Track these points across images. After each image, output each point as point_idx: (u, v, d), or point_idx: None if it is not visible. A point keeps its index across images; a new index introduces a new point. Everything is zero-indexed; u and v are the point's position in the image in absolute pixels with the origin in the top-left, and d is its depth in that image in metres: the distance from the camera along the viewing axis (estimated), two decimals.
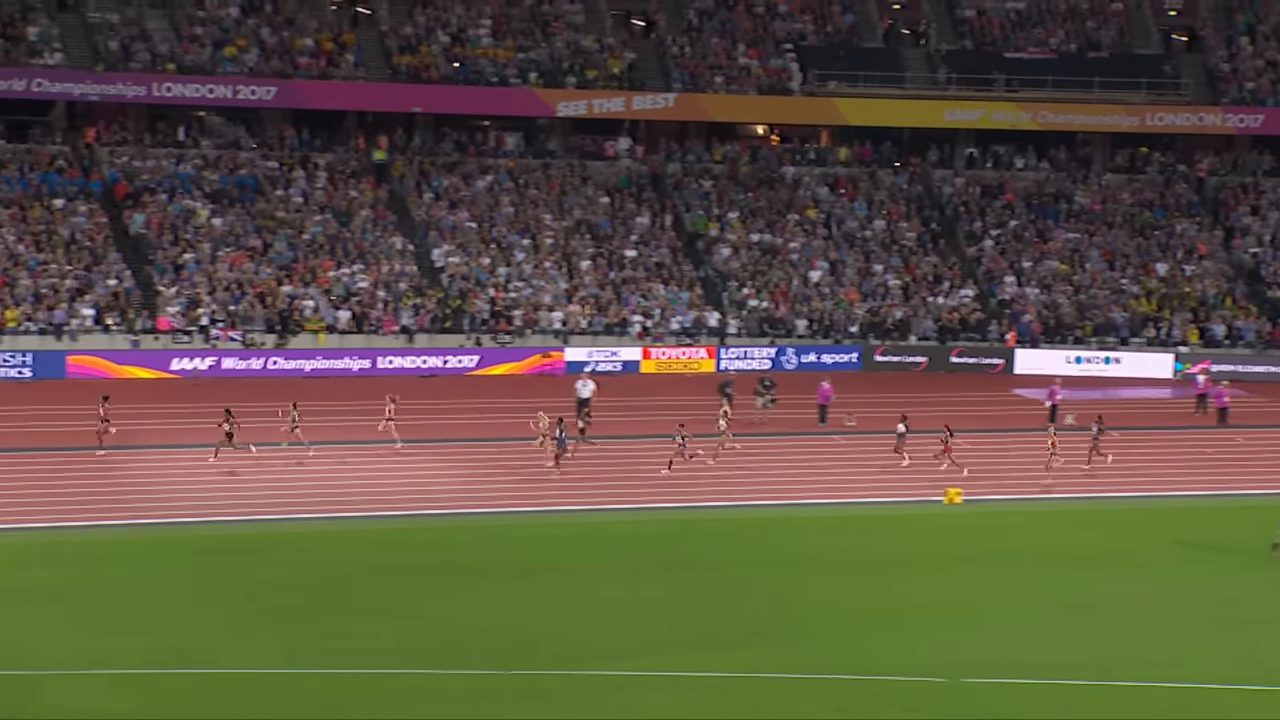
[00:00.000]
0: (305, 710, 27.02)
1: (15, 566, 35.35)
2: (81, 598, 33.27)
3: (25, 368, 55.78)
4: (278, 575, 35.36)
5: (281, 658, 29.65)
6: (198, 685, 28.30)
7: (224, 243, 64.26)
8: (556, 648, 30.32)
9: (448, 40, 72.60)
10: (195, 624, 31.56)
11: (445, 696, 27.88)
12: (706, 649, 30.13)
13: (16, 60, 65.94)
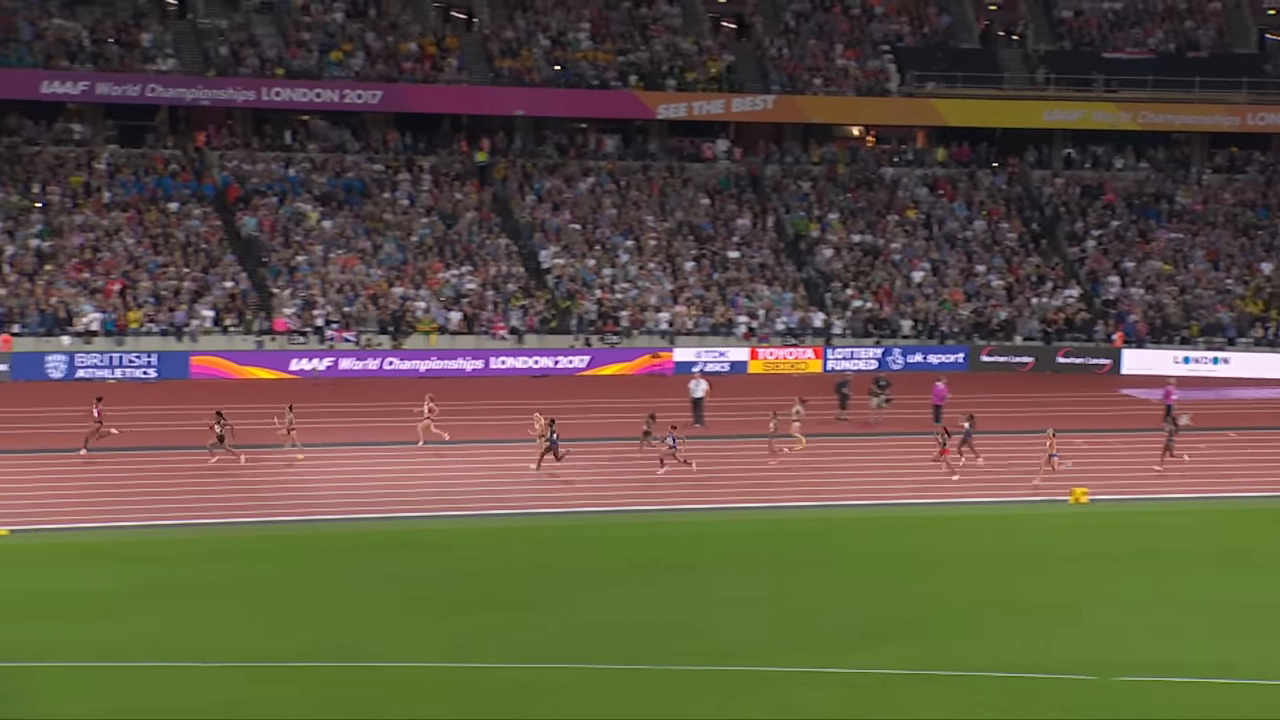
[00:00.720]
0: (477, 702, 27.45)
1: (176, 562, 35.95)
2: (243, 593, 33.78)
3: (151, 368, 56.68)
4: (428, 571, 35.76)
5: (447, 651, 30.07)
6: (372, 678, 28.79)
7: (335, 245, 65.06)
8: (702, 644, 30.57)
9: (548, 43, 73.19)
10: (357, 619, 32.00)
11: (607, 690, 28.23)
12: (846, 646, 30.28)
13: (130, 66, 66.95)
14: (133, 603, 33.20)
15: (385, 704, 27.49)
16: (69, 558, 36.13)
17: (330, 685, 28.46)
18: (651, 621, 32.07)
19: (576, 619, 32.18)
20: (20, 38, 65.86)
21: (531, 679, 28.65)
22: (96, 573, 35.13)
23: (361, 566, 36.00)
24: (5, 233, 61.21)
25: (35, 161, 65.10)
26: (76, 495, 40.81)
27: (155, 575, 35.16)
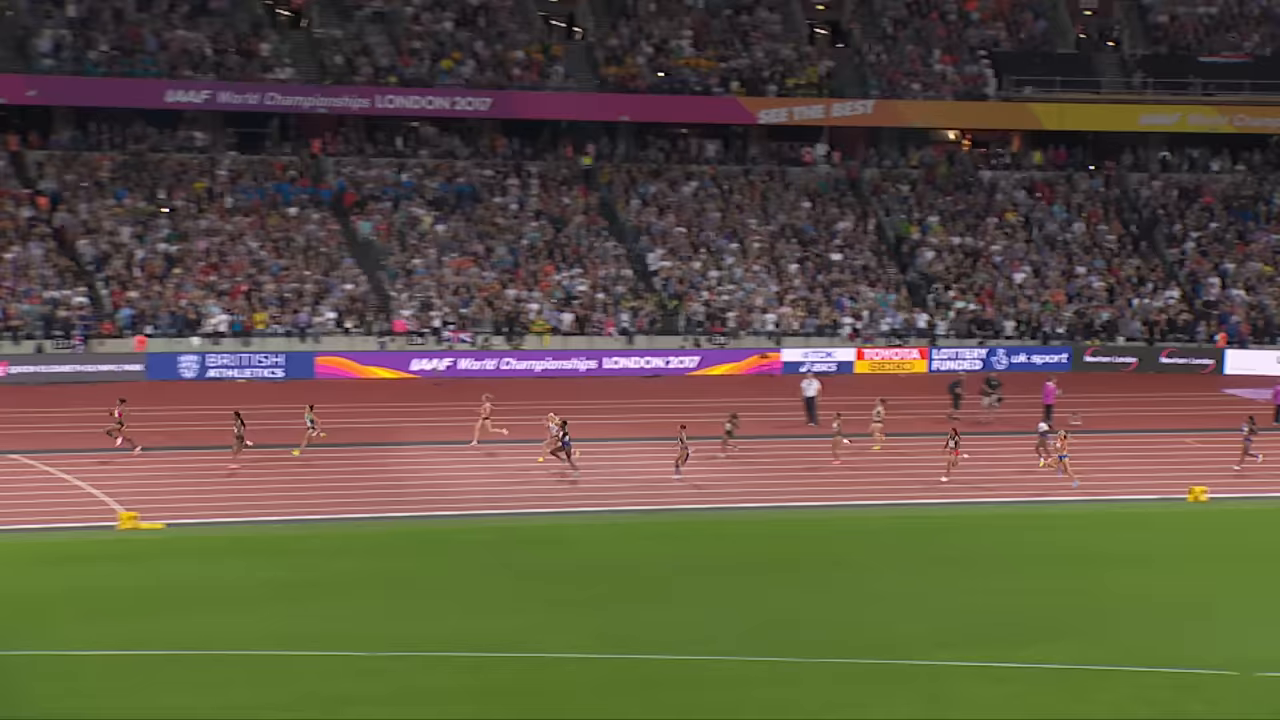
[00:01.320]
0: (635, 692, 27.76)
1: (317, 555, 36.56)
2: (385, 586, 34.31)
3: (278, 368, 57.55)
4: (553, 566, 36.09)
5: (596, 642, 30.50)
6: (528, 667, 29.22)
7: (448, 248, 65.77)
8: (861, 639, 30.79)
9: (651, 51, 73.64)
10: (499, 611, 32.43)
11: (771, 682, 28.47)
12: (1009, 642, 30.44)
13: (250, 75, 67.91)
14: (284, 594, 33.77)
15: (551, 693, 27.92)
16: (223, 551, 36.80)
17: (492, 675, 28.94)
18: (801, 615, 32.25)
19: (722, 613, 32.45)
20: (145, 48, 66.93)
21: (692, 672, 28.97)
22: (248, 565, 35.74)
23: (488, 560, 36.37)
24: (135, 237, 62.25)
25: (160, 168, 66.18)
26: (222, 491, 41.52)
27: (301, 569, 35.71)
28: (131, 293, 59.47)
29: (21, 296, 57.74)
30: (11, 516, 38.58)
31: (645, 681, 28.61)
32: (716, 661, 29.46)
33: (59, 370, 55.02)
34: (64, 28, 66.29)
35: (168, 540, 37.42)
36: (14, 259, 59.33)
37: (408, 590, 34.15)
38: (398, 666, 29.41)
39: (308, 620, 31.88)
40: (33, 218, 61.83)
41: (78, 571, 34.93)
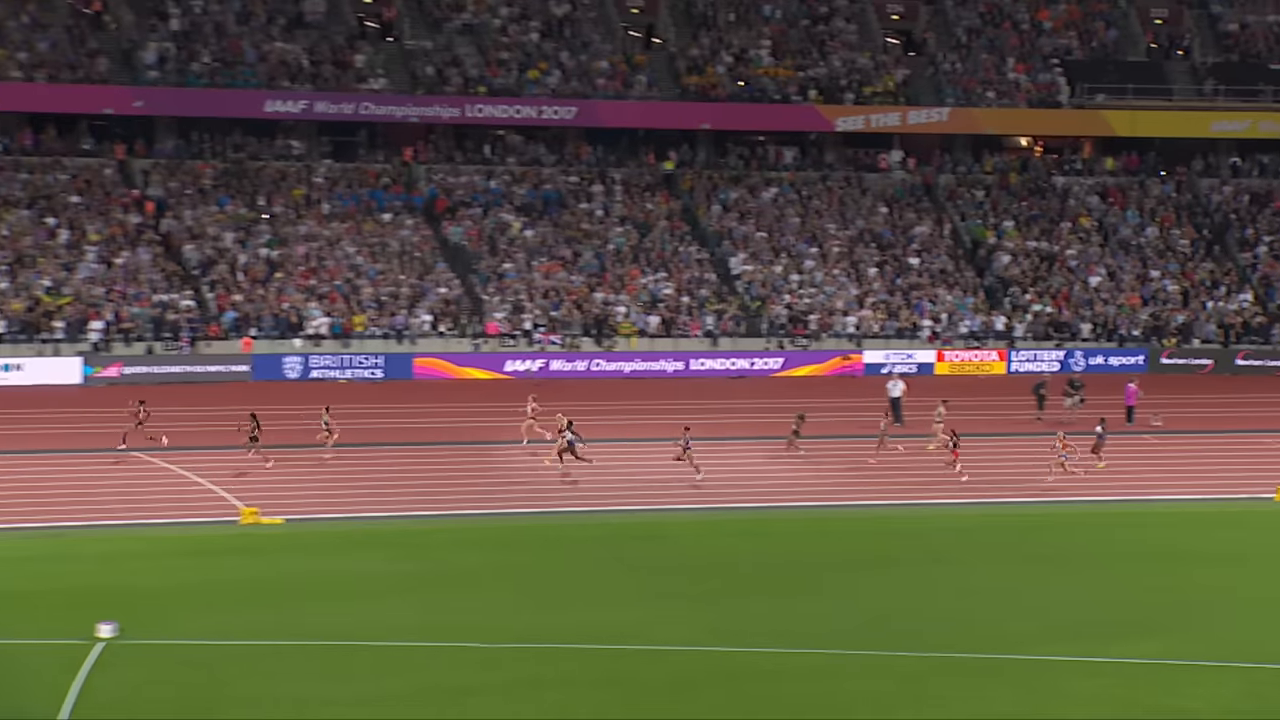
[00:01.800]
0: (748, 684, 28.12)
1: (437, 549, 37.11)
2: (506, 579, 34.85)
3: (378, 369, 58.35)
4: (660, 560, 36.55)
5: (710, 635, 30.93)
6: (644, 659, 29.71)
7: (537, 253, 66.44)
8: (957, 632, 31.11)
9: (731, 60, 74.08)
10: (618, 603, 32.94)
11: (871, 673, 28.85)
12: (1112, 637, 30.66)
13: (345, 86, 68.80)
14: (404, 587, 34.33)
15: (665, 685, 28.35)
16: (341, 545, 37.45)
17: (608, 666, 29.42)
18: (905, 610, 32.61)
19: (831, 608, 32.82)
20: (245, 60, 67.93)
21: (804, 665, 29.35)
22: (366, 559, 36.32)
23: (599, 555, 36.83)
24: (237, 243, 63.25)
25: (259, 176, 67.16)
26: (336, 487, 42.22)
27: (417, 562, 36.29)
28: (236, 296, 60.41)
29: (132, 300, 58.78)
30: (139, 512, 39.42)
31: (758, 674, 28.98)
32: (828, 655, 29.85)
33: (170, 371, 55.96)
34: (168, 41, 67.35)
35: (288, 535, 38.13)
36: (124, 264, 60.39)
37: (523, 583, 34.63)
38: (517, 658, 29.92)
39: (428, 612, 32.41)
40: (140, 224, 62.91)
41: (206, 564, 35.66)
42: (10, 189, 62.54)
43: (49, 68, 64.68)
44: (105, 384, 54.71)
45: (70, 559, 35.50)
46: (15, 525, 37.75)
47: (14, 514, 38.65)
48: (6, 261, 58.93)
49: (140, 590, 33.20)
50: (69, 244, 60.85)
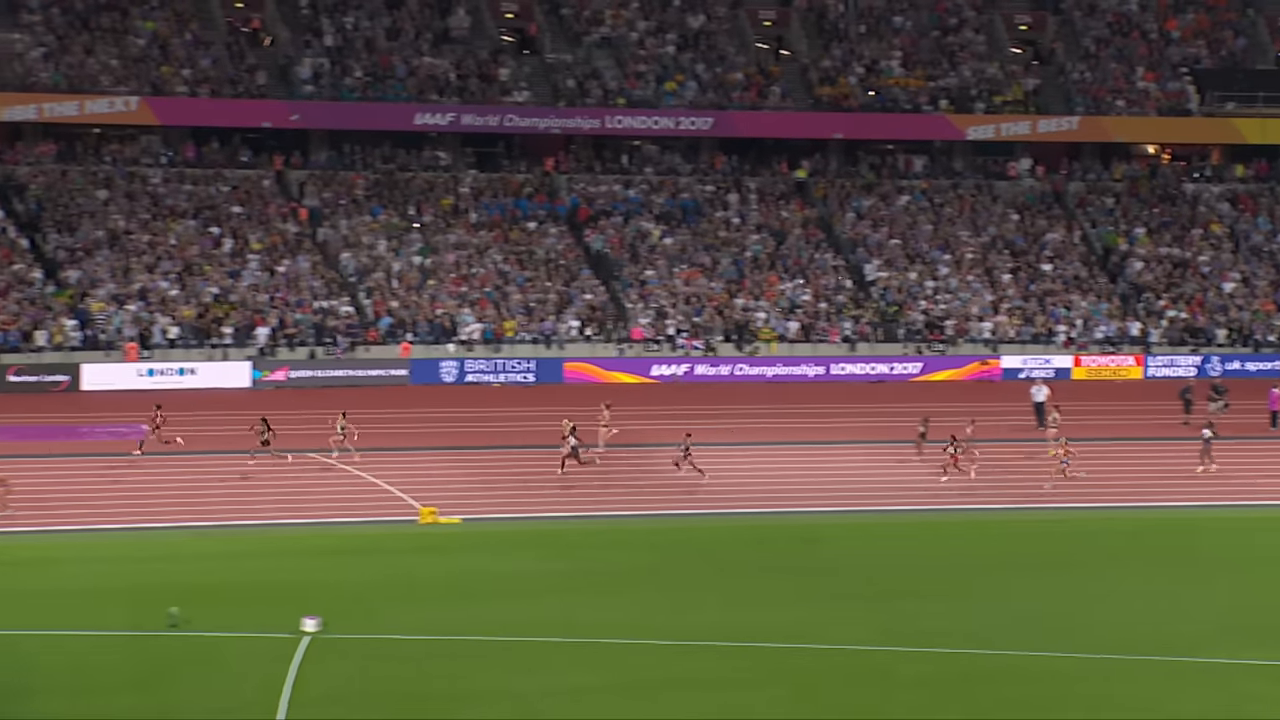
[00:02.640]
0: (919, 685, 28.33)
1: (611, 549, 37.69)
2: (677, 577, 35.31)
3: (530, 373, 59.06)
4: (831, 561, 36.90)
5: (880, 636, 31.13)
6: (814, 658, 29.99)
7: (677, 260, 66.87)
8: (1132, 634, 31.05)
9: (862, 71, 74.09)
10: (788, 603, 33.30)
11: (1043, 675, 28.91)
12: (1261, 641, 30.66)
13: (490, 99, 69.64)
14: (587, 584, 34.98)
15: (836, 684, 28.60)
16: (518, 544, 38.11)
17: (784, 663, 29.73)
18: (1069, 611, 32.62)
19: (1000, 609, 32.93)
20: (395, 75, 68.93)
21: (977, 666, 29.47)
22: (544, 556, 36.98)
23: (759, 555, 37.20)
24: (390, 251, 64.23)
25: (409, 186, 68.13)
26: (506, 488, 42.84)
27: (591, 561, 36.90)
28: (392, 303, 61.36)
29: (294, 307, 59.90)
30: (319, 511, 40.32)
31: (928, 675, 29.18)
32: (1000, 656, 29.96)
33: (333, 375, 57.00)
34: (322, 56, 68.51)
35: (467, 534, 38.84)
36: (285, 271, 61.55)
37: (694, 582, 35.11)
38: (705, 655, 30.37)
39: (611, 609, 32.95)
40: (298, 233, 64.08)
41: (394, 562, 36.47)
42: (176, 200, 63.94)
43: (211, 83, 66.05)
44: (273, 387, 55.88)
45: (264, 555, 36.47)
46: (214, 523, 38.75)
47: (204, 512, 39.66)
48: (176, 270, 60.26)
49: (335, 586, 34.03)
50: (232, 252, 62.13)
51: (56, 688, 28.02)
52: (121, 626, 30.82)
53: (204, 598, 32.34)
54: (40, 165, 63.48)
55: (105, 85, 64.15)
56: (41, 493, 40.22)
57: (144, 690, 28.05)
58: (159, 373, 54.98)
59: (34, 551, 36.06)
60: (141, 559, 35.77)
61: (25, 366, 53.66)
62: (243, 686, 28.42)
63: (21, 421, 48.39)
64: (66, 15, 66.08)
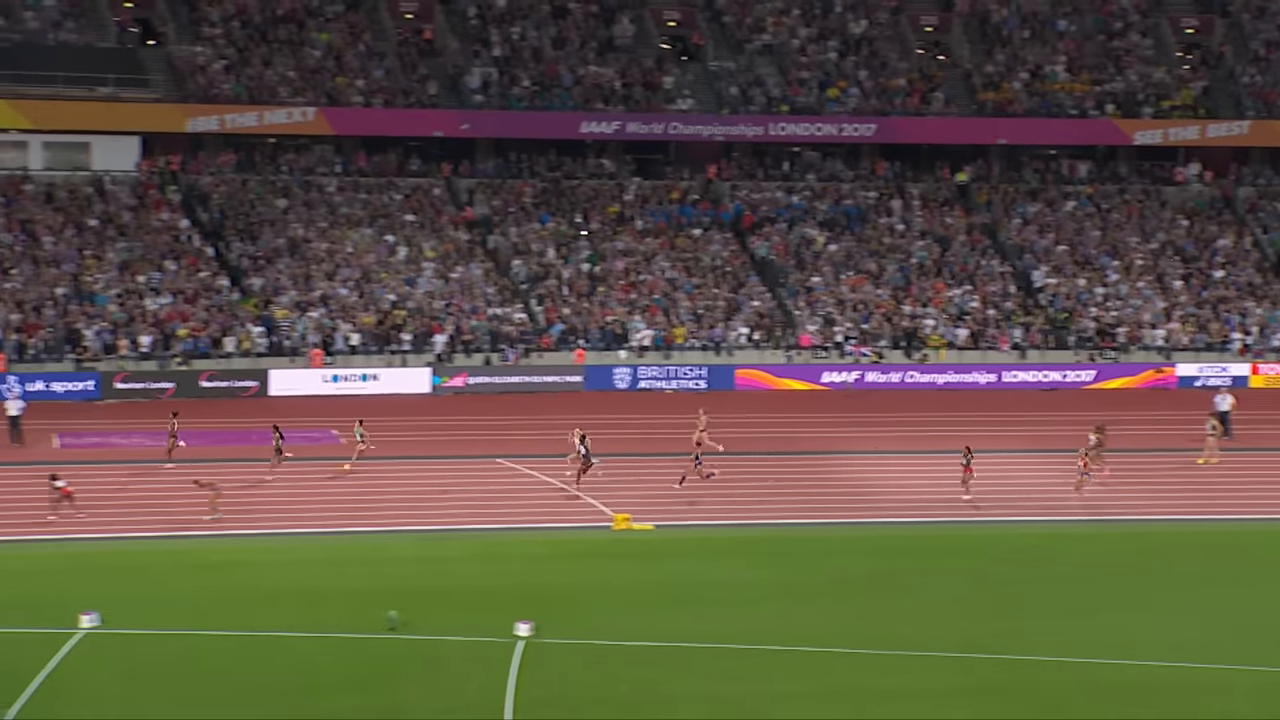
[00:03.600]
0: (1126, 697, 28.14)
1: (805, 557, 37.80)
2: (877, 586, 35.37)
3: (701, 380, 59.28)
4: (1047, 571, 36.71)
5: (1084, 647, 30.88)
6: (1021, 669, 29.86)
7: (842, 267, 66.74)
8: None
9: (1026, 76, 73.41)
10: (990, 613, 33.22)
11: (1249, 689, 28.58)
12: None
13: (655, 107, 70.01)
14: (784, 593, 35.13)
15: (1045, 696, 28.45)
16: (713, 550, 38.36)
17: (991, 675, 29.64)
18: None
19: (1208, 623, 32.54)
20: (561, 84, 69.59)
21: (1188, 680, 29.16)
22: (741, 564, 37.22)
23: (952, 566, 37.10)
24: (560, 258, 64.84)
25: (576, 193, 68.73)
26: (686, 494, 43.10)
27: (788, 568, 37.06)
28: (564, 309, 61.95)
29: (469, 314, 60.71)
30: (511, 516, 40.85)
31: (1137, 686, 28.92)
32: (1210, 670, 29.62)
33: (509, 381, 57.65)
34: (490, 66, 69.35)
35: (661, 540, 39.15)
36: (459, 278, 62.39)
37: (894, 591, 35.14)
38: (910, 664, 30.36)
39: (820, 618, 33.11)
40: (470, 241, 64.92)
41: (593, 567, 36.92)
42: (352, 208, 65.08)
43: (384, 93, 67.15)
44: (451, 393, 56.66)
45: (469, 559, 37.09)
46: (416, 528, 39.44)
47: (406, 517, 40.37)
48: (354, 277, 61.36)
49: (541, 590, 34.53)
50: (407, 260, 63.09)
51: (284, 688, 28.78)
52: (341, 628, 31.54)
53: (418, 600, 32.96)
54: (221, 175, 65.00)
55: (283, 96, 65.53)
56: (243, 497, 41.16)
57: (368, 691, 28.70)
58: (343, 378, 56.03)
59: (246, 554, 36.99)
60: (351, 562, 36.56)
61: (216, 372, 54.98)
62: (465, 688, 28.97)
63: (214, 426, 49.57)
64: (246, 28, 67.59)
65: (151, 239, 60.88)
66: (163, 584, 34.41)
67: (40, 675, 28.48)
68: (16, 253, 58.63)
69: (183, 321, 57.23)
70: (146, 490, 41.81)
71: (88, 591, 32.91)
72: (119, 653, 30.05)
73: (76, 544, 37.25)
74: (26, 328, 55.43)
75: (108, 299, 57.55)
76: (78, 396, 52.57)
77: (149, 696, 28.06)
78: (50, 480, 39.10)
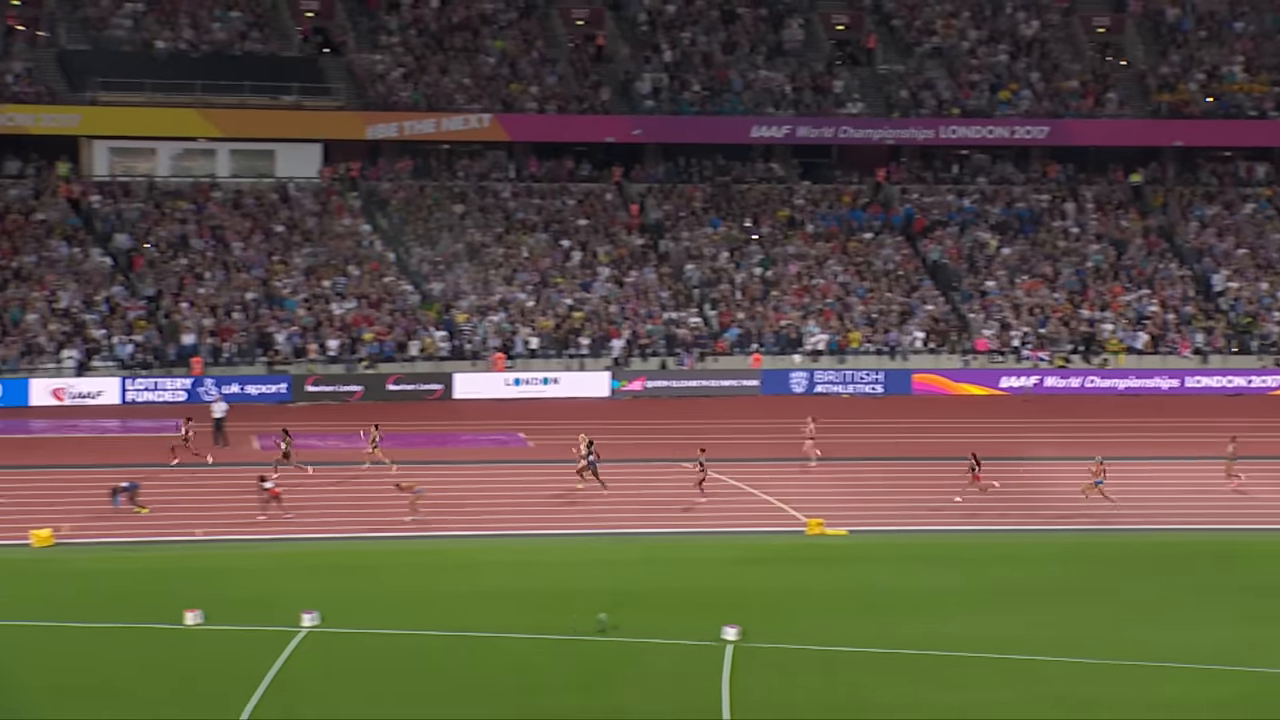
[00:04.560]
0: None
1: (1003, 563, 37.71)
2: (1079, 594, 35.14)
3: (878, 384, 59.21)
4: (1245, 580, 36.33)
5: None
6: (1257, 682, 29.53)
7: (1017, 270, 66.23)
8: None
9: (1203, 77, 72.27)
10: (1210, 623, 32.92)
11: None
12: None
13: (825, 111, 70.03)
14: (989, 600, 35.08)
15: None
16: (909, 557, 38.39)
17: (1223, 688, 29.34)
18: None
19: None
20: (731, 88, 69.90)
21: None
22: (938, 571, 37.18)
23: (1166, 573, 36.77)
24: (732, 263, 65.14)
25: (745, 197, 68.98)
26: (876, 500, 43.16)
27: (983, 576, 36.96)
28: (739, 313, 62.22)
29: (644, 318, 61.23)
30: (699, 519, 41.19)
31: None
32: None
33: (687, 385, 58.05)
34: (661, 71, 69.86)
35: (856, 546, 39.27)
36: (634, 283, 62.96)
37: (1090, 598, 34.92)
38: (1128, 675, 30.16)
39: (1017, 625, 32.98)
40: (643, 245, 65.45)
41: (789, 572, 37.13)
42: (526, 213, 65.97)
43: (557, 100, 67.96)
44: (630, 397, 57.20)
45: (671, 562, 37.49)
46: (614, 530, 39.96)
47: (603, 519, 40.90)
48: (532, 282, 62.20)
49: (743, 594, 34.85)
50: (582, 264, 63.80)
51: (503, 688, 29.37)
52: (552, 630, 32.09)
53: (623, 602, 33.40)
54: (399, 181, 66.24)
55: (460, 103, 66.62)
56: (439, 498, 41.88)
57: (588, 692, 29.22)
58: (524, 382, 56.86)
59: (450, 557, 37.75)
60: (551, 564, 37.15)
61: (403, 376, 56.07)
62: (680, 691, 29.36)
63: (401, 429, 50.55)
64: (422, 36, 68.83)
65: (335, 244, 62.28)
66: (373, 583, 35.28)
67: (269, 673, 29.41)
68: (208, 258, 60.33)
69: (368, 326, 58.48)
70: (348, 492, 42.74)
71: (304, 590, 33.87)
72: (341, 651, 30.91)
73: (288, 544, 38.30)
74: (220, 332, 57.03)
75: (296, 303, 59.00)
76: (270, 399, 53.95)
77: (375, 695, 28.82)
78: (259, 481, 40.29)
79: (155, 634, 31.37)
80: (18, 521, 38.62)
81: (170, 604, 32.49)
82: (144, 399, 53.07)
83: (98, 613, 32.45)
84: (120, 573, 35.40)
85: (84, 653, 30.47)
